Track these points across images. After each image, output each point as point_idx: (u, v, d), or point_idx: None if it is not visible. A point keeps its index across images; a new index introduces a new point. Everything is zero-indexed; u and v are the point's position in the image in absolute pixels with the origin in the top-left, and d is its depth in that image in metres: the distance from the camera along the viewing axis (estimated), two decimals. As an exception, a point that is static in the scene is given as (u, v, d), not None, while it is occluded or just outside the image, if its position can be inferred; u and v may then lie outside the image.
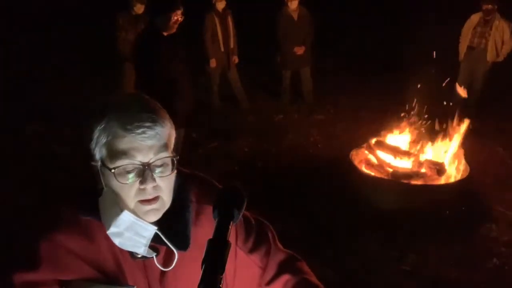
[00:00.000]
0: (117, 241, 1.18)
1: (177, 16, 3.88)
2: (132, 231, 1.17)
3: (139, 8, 6.24)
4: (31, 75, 8.13)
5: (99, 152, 1.15)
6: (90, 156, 1.18)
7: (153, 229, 1.19)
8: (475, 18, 6.90)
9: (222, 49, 7.14)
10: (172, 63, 3.89)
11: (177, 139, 1.26)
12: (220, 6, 7.03)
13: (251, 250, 1.35)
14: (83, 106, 5.68)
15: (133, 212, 1.17)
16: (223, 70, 7.32)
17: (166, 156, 1.16)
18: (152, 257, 1.22)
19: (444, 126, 5.00)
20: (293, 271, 1.36)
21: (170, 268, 1.23)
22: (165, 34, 3.90)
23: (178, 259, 1.24)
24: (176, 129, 1.25)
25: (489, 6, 6.62)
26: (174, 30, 3.94)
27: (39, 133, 6.18)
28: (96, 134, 1.14)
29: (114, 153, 1.13)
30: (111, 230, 1.17)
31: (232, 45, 7.20)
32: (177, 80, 3.94)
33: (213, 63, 7.13)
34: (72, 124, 5.85)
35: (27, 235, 1.25)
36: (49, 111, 6.75)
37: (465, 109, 6.91)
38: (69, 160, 5.08)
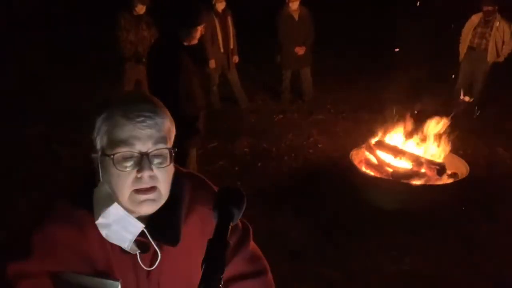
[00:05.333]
0: (104, 232, 1.20)
1: (202, 31, 3.87)
2: (119, 224, 1.19)
3: (141, 9, 6.24)
4: (32, 76, 8.13)
5: (100, 141, 1.19)
6: (92, 148, 1.21)
7: (141, 226, 1.21)
8: (475, 18, 6.90)
9: (222, 50, 7.15)
10: (192, 75, 3.80)
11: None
12: (220, 7, 7.04)
13: (232, 253, 1.36)
14: (84, 106, 5.69)
15: (128, 202, 1.18)
16: (223, 71, 7.33)
17: (164, 147, 1.19)
18: (136, 254, 1.24)
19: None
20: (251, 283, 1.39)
21: (153, 267, 1.25)
22: (186, 44, 3.84)
23: (167, 255, 1.26)
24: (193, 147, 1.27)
25: (490, 7, 6.62)
26: (196, 42, 3.90)
27: (40, 134, 6.18)
28: (98, 123, 1.18)
29: (114, 141, 1.16)
30: (99, 221, 1.19)
31: (232, 46, 7.21)
32: (195, 95, 3.83)
33: (212, 64, 7.14)
34: (73, 125, 5.85)
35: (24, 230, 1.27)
36: (51, 112, 6.76)
37: (464, 110, 6.96)
38: (70, 161, 5.08)
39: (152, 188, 1.18)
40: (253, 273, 1.41)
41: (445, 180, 4.64)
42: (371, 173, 4.85)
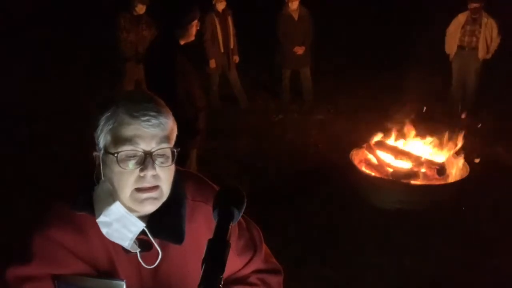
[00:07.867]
0: (104, 230, 1.20)
1: (197, 26, 3.85)
2: (120, 223, 1.19)
3: (141, 9, 6.24)
4: (30, 76, 8.13)
5: (103, 139, 1.18)
6: (93, 145, 1.21)
7: (141, 226, 1.21)
8: (462, 17, 6.86)
9: (222, 50, 7.15)
10: (190, 75, 3.77)
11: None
12: (220, 6, 7.04)
13: (240, 253, 1.37)
14: (84, 106, 5.70)
15: (130, 201, 1.18)
16: (223, 71, 7.33)
17: (167, 146, 1.19)
18: (136, 252, 1.24)
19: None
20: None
21: (154, 265, 1.25)
22: (182, 43, 3.82)
23: (173, 254, 1.26)
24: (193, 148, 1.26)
25: (477, 4, 6.60)
26: (193, 38, 3.88)
27: (40, 134, 6.18)
28: (102, 121, 1.18)
29: (119, 139, 1.16)
30: (100, 219, 1.19)
31: (232, 45, 7.21)
32: (194, 95, 3.80)
33: (212, 63, 7.15)
34: (73, 125, 5.85)
35: (24, 234, 1.27)
36: (51, 112, 6.75)
37: (462, 108, 6.96)
38: (68, 161, 5.07)
39: (155, 187, 1.19)
40: (268, 270, 1.42)
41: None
42: (371, 173, 4.85)
